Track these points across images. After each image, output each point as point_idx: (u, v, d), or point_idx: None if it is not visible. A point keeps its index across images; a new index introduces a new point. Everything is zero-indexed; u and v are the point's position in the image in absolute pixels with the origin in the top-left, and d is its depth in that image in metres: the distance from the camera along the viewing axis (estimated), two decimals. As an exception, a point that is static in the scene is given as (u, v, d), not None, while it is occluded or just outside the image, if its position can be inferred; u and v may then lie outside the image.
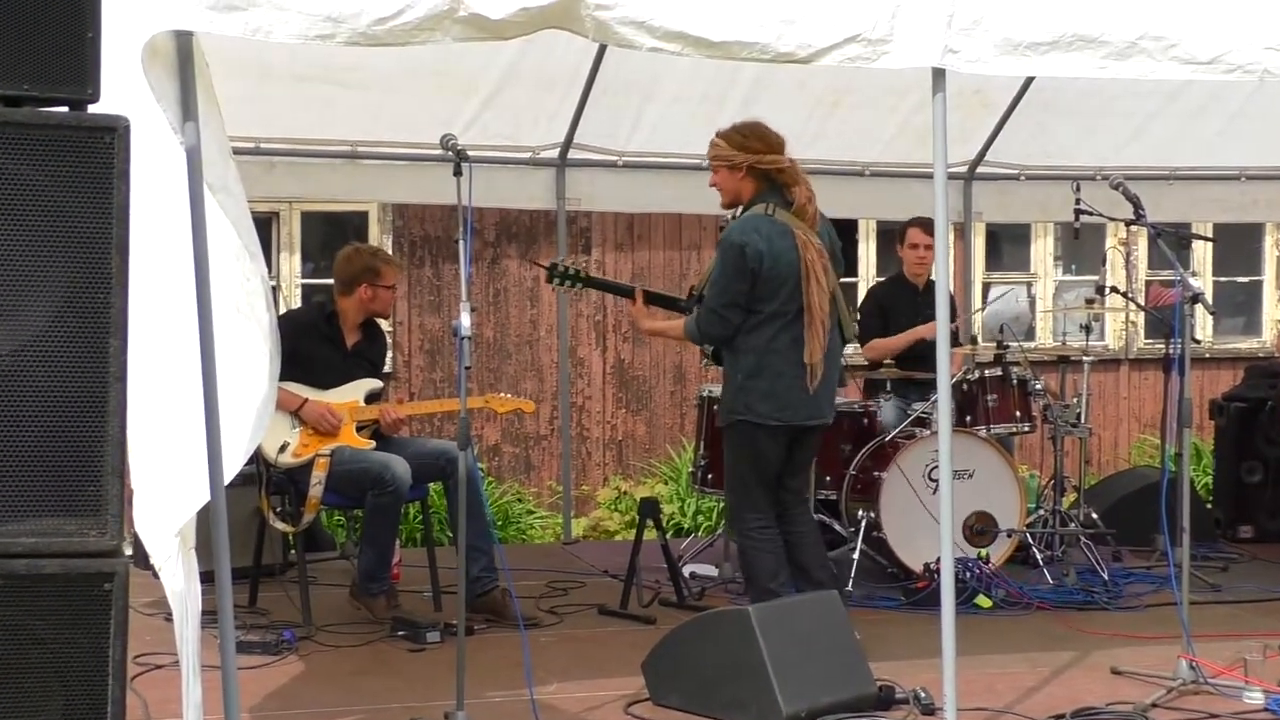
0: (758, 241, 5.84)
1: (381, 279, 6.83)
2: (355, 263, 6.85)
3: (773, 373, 5.89)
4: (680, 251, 11.12)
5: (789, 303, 5.87)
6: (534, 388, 10.70)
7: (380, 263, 6.88)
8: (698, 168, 8.75)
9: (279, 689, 5.63)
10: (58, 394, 3.20)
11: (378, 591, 6.64)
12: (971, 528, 7.45)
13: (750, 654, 5.03)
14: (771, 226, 5.90)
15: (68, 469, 3.21)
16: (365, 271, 6.82)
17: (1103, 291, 7.99)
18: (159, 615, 6.41)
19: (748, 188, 6.01)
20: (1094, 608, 7.08)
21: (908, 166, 8.88)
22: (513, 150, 8.52)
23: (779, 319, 5.87)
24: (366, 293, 6.82)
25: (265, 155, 8.05)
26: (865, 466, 7.55)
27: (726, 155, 6.04)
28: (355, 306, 6.85)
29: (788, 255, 5.86)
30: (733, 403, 5.98)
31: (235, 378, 4.19)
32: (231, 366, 4.16)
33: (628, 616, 6.80)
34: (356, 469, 6.52)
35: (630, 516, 10.24)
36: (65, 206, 3.21)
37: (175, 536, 4.00)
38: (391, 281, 6.89)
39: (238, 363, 4.23)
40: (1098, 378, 11.73)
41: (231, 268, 4.21)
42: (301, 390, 6.64)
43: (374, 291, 6.83)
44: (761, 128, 6.06)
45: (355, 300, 6.83)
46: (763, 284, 5.85)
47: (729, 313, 5.91)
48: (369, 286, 6.82)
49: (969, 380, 7.75)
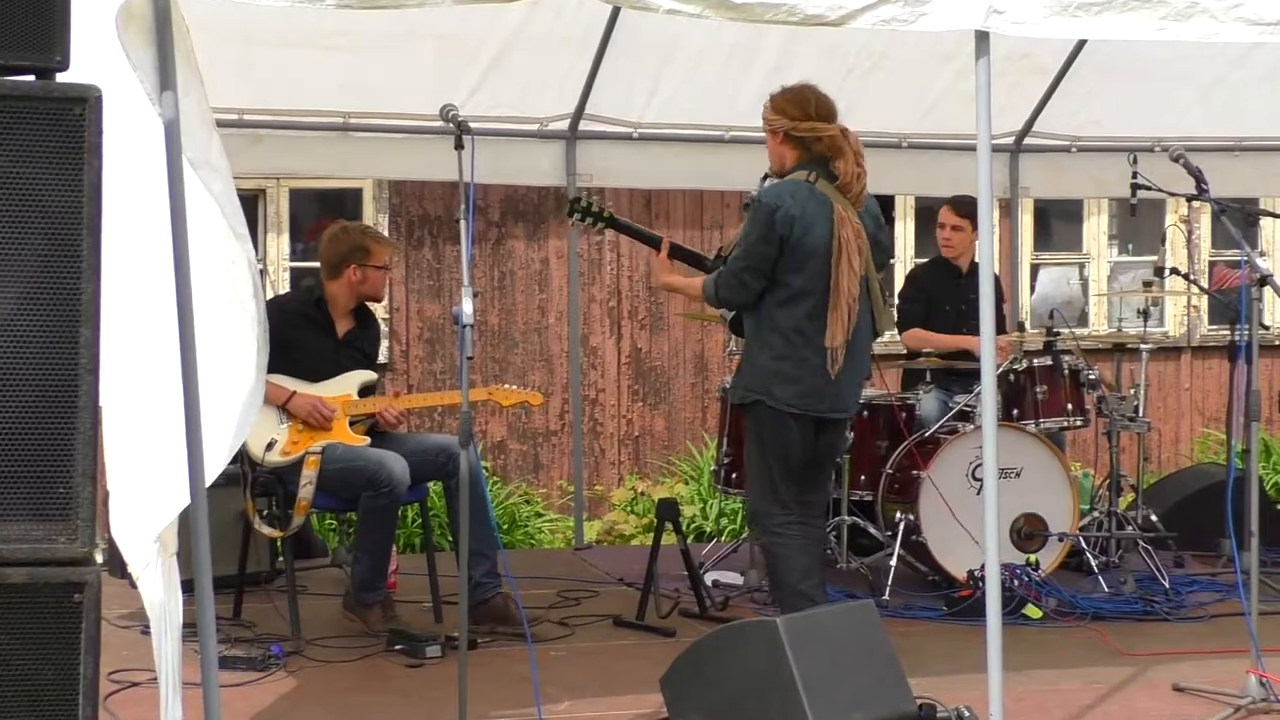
0: (790, 206, 5.85)
1: (371, 258, 6.82)
2: (342, 242, 6.84)
3: (798, 358, 5.91)
4: (702, 231, 11.10)
5: (816, 280, 5.87)
6: (542, 379, 10.69)
7: (369, 241, 6.87)
8: (720, 140, 8.77)
9: (265, 708, 5.64)
10: (24, 388, 3.20)
11: (373, 602, 6.64)
12: (1019, 531, 7.44)
13: (778, 669, 5.02)
14: (810, 195, 5.90)
15: (35, 469, 3.21)
16: (353, 251, 6.81)
17: (1162, 273, 7.96)
18: (136, 628, 6.42)
19: (789, 155, 6.05)
20: (1154, 618, 7.07)
21: (949, 138, 8.85)
22: (519, 121, 8.51)
23: (807, 298, 5.87)
24: (355, 274, 6.81)
25: (250, 128, 8.05)
26: (903, 465, 7.53)
27: (768, 119, 6.09)
28: (345, 290, 6.84)
29: (821, 228, 5.86)
30: (752, 381, 6.00)
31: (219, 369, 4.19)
32: (215, 357, 4.15)
33: (645, 628, 6.80)
34: (350, 468, 6.52)
35: (648, 519, 10.24)
36: (32, 184, 3.21)
37: (154, 542, 4.00)
38: (383, 261, 6.86)
39: (221, 353, 4.23)
40: (1157, 367, 11.69)
41: (215, 249, 4.21)
42: (289, 383, 6.64)
43: (364, 273, 6.81)
44: (804, 93, 6.07)
45: (344, 283, 6.82)
46: (790, 254, 5.87)
47: (749, 277, 5.94)
48: (358, 268, 6.80)
49: (1016, 370, 7.73)
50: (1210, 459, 11.22)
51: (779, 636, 5.04)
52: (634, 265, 10.95)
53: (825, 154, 5.97)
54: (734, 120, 8.65)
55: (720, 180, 9.12)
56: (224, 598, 6.68)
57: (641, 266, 10.97)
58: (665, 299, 11.00)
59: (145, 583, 3.97)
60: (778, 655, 5.03)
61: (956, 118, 8.48)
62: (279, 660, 6.13)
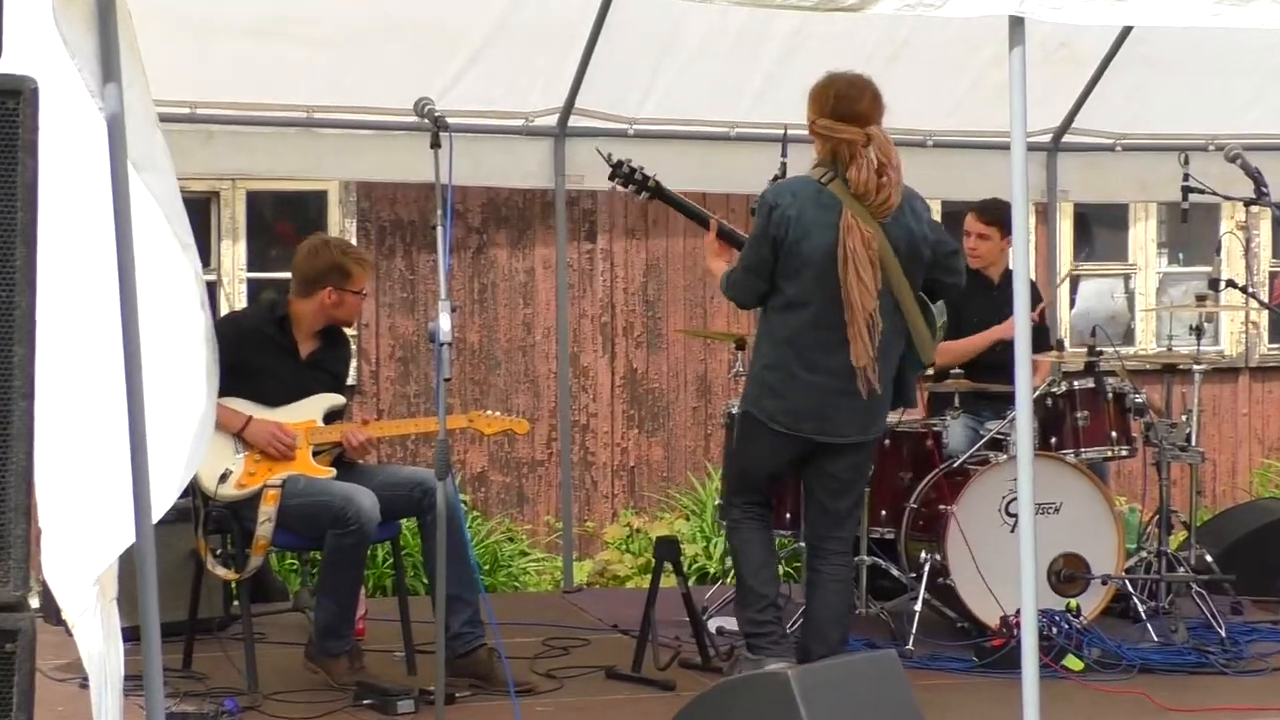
0: (788, 206, 5.99)
1: (351, 282, 6.81)
2: (320, 258, 6.83)
3: (786, 370, 6.11)
4: (704, 239, 11.09)
5: (814, 289, 5.97)
6: (528, 403, 10.69)
7: (352, 263, 6.85)
8: (725, 138, 8.79)
9: (219, 770, 5.62)
10: (-50, 414, 3.20)
11: (339, 651, 6.63)
12: (1058, 574, 7.43)
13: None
14: (815, 196, 5.99)
15: (-39, 504, 3.20)
16: (332, 271, 6.80)
17: (1217, 286, 7.95)
18: (73, 680, 6.40)
19: (817, 149, 6.23)
20: (1209, 671, 7.05)
21: (979, 135, 8.87)
22: (502, 117, 8.52)
23: (804, 308, 6.03)
24: (330, 297, 6.80)
25: (203, 124, 8.06)
26: (929, 499, 7.53)
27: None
28: (314, 311, 6.84)
29: (821, 234, 5.96)
30: (748, 389, 6.38)
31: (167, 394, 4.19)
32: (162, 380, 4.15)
33: (641, 681, 6.78)
34: (313, 503, 6.51)
35: (644, 559, 10.23)
36: (-42, 186, 3.21)
37: (93, 585, 4.00)
38: (361, 286, 6.87)
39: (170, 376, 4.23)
40: (1211, 390, 11.69)
41: (159, 260, 4.20)
42: (246, 407, 6.63)
43: (340, 297, 6.81)
44: (829, 86, 6.23)
45: (315, 304, 6.82)
46: (785, 258, 6.05)
47: (749, 278, 6.25)
48: (334, 290, 6.80)
49: (1054, 394, 7.72)
50: (1271, 493, 11.22)
51: (790, 690, 5.03)
52: (629, 277, 10.96)
53: (842, 155, 6.03)
54: (739, 116, 8.67)
55: (725, 182, 9.13)
56: (173, 647, 6.65)
57: (638, 279, 10.98)
58: (664, 314, 11.01)
59: (82, 631, 3.96)
60: (789, 711, 5.02)
61: (987, 113, 8.50)
62: (233, 717, 6.12)
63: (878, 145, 6.07)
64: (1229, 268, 11.38)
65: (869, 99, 6.18)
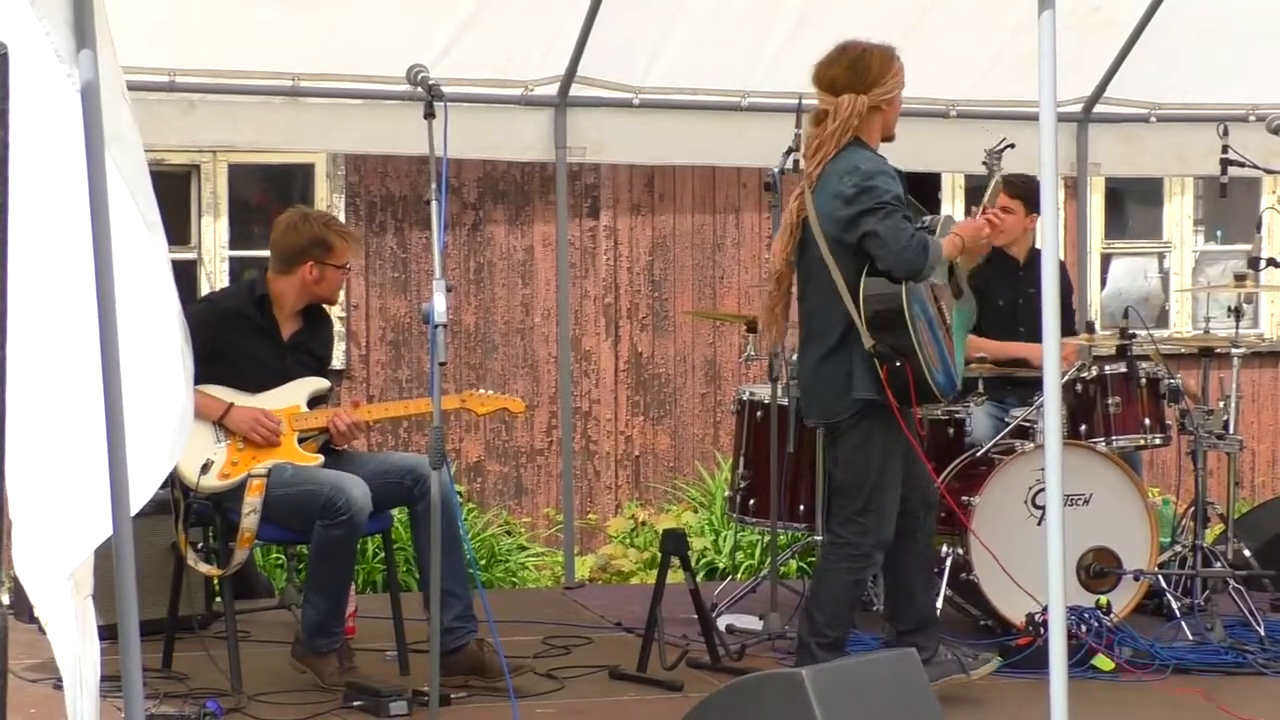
0: None
1: (333, 256, 6.81)
2: (300, 233, 6.84)
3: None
4: (713, 215, 11.12)
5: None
6: (527, 388, 10.70)
7: (333, 235, 6.85)
8: (736, 108, 8.78)
9: (201, 775, 5.64)
10: (-85, 399, 3.20)
11: (328, 649, 6.64)
12: (1088, 569, 7.43)
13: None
14: None
15: (-72, 495, 3.21)
16: (313, 245, 6.80)
17: (1257, 265, 7.95)
18: (47, 681, 6.42)
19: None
20: (1247, 671, 7.06)
21: (1006, 105, 8.86)
22: (500, 86, 8.51)
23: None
24: (312, 273, 6.81)
25: (182, 92, 8.06)
26: (952, 489, 7.52)
27: None
28: (295, 289, 6.83)
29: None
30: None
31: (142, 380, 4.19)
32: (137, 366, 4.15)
33: (647, 681, 6.80)
34: (300, 493, 6.52)
35: (650, 554, 10.24)
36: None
37: (67, 581, 4.00)
38: (344, 260, 6.86)
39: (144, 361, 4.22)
40: (1251, 375, 11.70)
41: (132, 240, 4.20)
42: (226, 394, 6.63)
43: (321, 272, 6.81)
44: (827, 55, 6.41)
45: (296, 281, 6.82)
46: None
47: None
48: (315, 265, 6.80)
49: (1084, 379, 7.72)
50: (1313, 483, 11.22)
51: (805, 692, 5.03)
52: (634, 255, 10.96)
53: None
54: (752, 85, 8.66)
55: (736, 155, 9.13)
56: (152, 646, 6.67)
57: (644, 258, 10.98)
58: (671, 295, 11.01)
59: (56, 629, 3.96)
60: (804, 714, 5.02)
61: (1015, 82, 8.51)
62: (217, 719, 6.13)
63: (822, 121, 6.35)
64: (1270, 245, 11.35)
65: (834, 68, 6.38)
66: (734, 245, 11.15)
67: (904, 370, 6.15)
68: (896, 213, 6.14)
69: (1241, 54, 8.79)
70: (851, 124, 6.26)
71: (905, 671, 5.39)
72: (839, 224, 6.22)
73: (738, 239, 11.15)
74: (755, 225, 11.12)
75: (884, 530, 6.31)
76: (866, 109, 6.28)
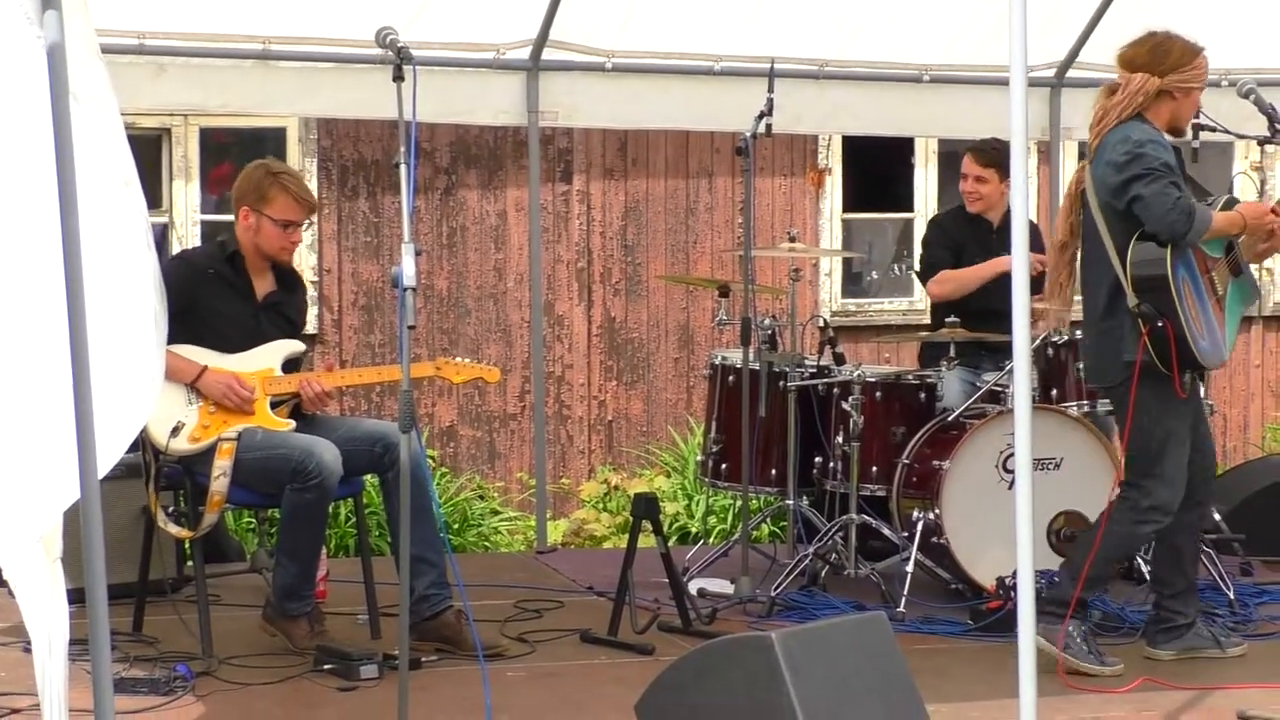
0: None
1: (268, 206, 6.69)
2: (247, 180, 6.77)
3: None
4: (686, 180, 11.12)
5: None
6: (500, 353, 10.70)
7: (272, 186, 6.73)
8: (709, 72, 8.77)
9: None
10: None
11: (298, 613, 6.64)
12: (1058, 532, 7.45)
13: (774, 694, 5.03)
14: None
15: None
16: (251, 191, 6.71)
17: (1228, 230, 7.96)
18: (16, 644, 6.42)
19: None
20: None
21: (978, 70, 8.86)
22: (471, 49, 8.49)
23: None
24: (247, 219, 6.72)
25: (152, 55, 8.02)
26: (922, 454, 7.55)
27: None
28: (246, 242, 6.77)
29: None
30: None
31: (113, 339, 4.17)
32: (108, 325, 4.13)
33: (618, 645, 6.81)
34: (271, 456, 6.51)
35: (622, 518, 10.25)
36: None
37: (36, 543, 3.99)
38: (282, 215, 6.72)
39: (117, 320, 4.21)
40: (1221, 341, 11.73)
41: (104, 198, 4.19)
42: (199, 354, 6.61)
43: (257, 221, 6.72)
44: (1136, 37, 6.69)
45: (241, 229, 6.76)
46: None
47: None
48: (251, 212, 6.70)
49: (1055, 343, 7.74)
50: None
51: (775, 655, 5.05)
52: (607, 220, 10.96)
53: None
54: (725, 49, 8.65)
55: (709, 120, 9.12)
56: (122, 609, 6.68)
57: (616, 223, 10.97)
58: (644, 259, 11.01)
59: (24, 593, 3.95)
60: (773, 677, 5.04)
61: (988, 46, 8.51)
62: (186, 682, 6.12)
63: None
64: (1242, 211, 11.39)
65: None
66: (707, 210, 11.15)
67: (1165, 331, 6.26)
68: (1163, 179, 6.29)
69: (1213, 18, 8.78)
70: (1136, 100, 6.44)
71: (875, 635, 5.41)
72: (1110, 190, 6.38)
73: (710, 204, 11.15)
74: (728, 190, 11.12)
75: (1168, 493, 6.44)
76: (1156, 91, 6.44)
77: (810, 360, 7.94)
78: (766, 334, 7.72)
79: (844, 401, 7.58)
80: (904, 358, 10.61)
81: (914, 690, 5.34)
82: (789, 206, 11.29)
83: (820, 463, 7.83)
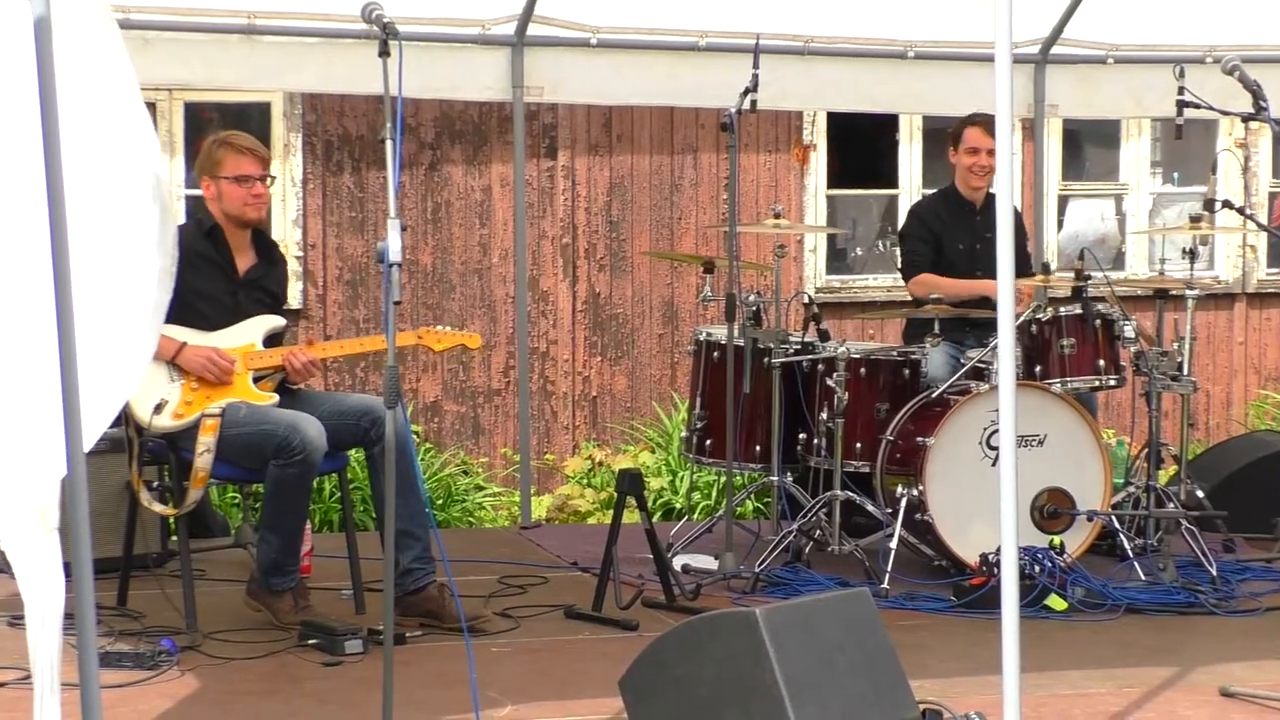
0: None
1: (221, 169, 6.72)
2: (199, 155, 6.87)
3: None
4: (671, 156, 11.11)
5: None
6: (484, 329, 10.70)
7: (219, 148, 6.75)
8: (694, 48, 8.77)
9: (155, 713, 5.64)
10: None
11: (283, 588, 6.65)
12: (1042, 509, 7.47)
13: (758, 669, 5.04)
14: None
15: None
16: (205, 162, 6.79)
17: (1212, 207, 7.97)
18: (2, 618, 6.41)
19: None
20: (1198, 611, 7.11)
21: (962, 46, 8.86)
22: (456, 24, 8.49)
23: None
24: (210, 190, 6.77)
25: (138, 29, 8.00)
26: (906, 431, 7.56)
27: None
28: (218, 214, 6.80)
29: None
30: None
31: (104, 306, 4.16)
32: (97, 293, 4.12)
33: (602, 621, 6.82)
34: (255, 432, 6.51)
35: (606, 494, 10.26)
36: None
37: (33, 513, 3.98)
38: (235, 170, 6.72)
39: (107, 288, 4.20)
40: (1205, 317, 11.76)
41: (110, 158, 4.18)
42: (179, 332, 6.60)
43: (218, 187, 6.74)
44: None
45: (212, 205, 6.80)
46: None
47: None
48: (211, 181, 6.75)
49: (1039, 320, 7.75)
50: (1267, 425, 11.29)
51: (759, 631, 5.06)
52: (591, 196, 10.95)
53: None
54: (710, 24, 8.64)
55: (693, 96, 9.11)
56: (107, 584, 6.67)
57: (601, 198, 10.97)
58: (629, 235, 11.01)
59: (20, 563, 3.95)
60: (757, 653, 5.05)
61: (972, 22, 8.51)
62: (171, 657, 6.13)
63: None
64: (1225, 187, 11.42)
65: None
66: (692, 186, 11.15)
67: None
68: None
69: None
70: None
71: (858, 611, 5.42)
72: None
73: (695, 179, 11.15)
74: (713, 166, 11.12)
75: None
76: None
77: (795, 336, 7.95)
78: (751, 310, 7.72)
79: (828, 378, 7.59)
80: (888, 334, 10.63)
81: (897, 666, 5.35)
82: (774, 183, 11.29)
83: (804, 439, 7.84)
